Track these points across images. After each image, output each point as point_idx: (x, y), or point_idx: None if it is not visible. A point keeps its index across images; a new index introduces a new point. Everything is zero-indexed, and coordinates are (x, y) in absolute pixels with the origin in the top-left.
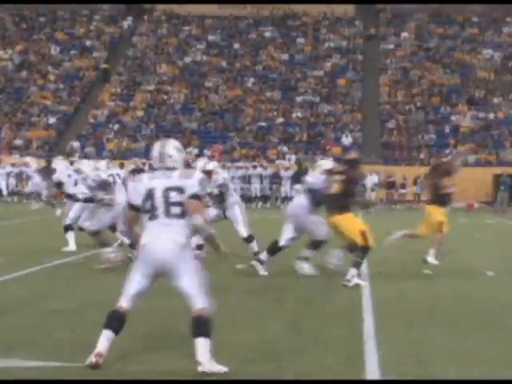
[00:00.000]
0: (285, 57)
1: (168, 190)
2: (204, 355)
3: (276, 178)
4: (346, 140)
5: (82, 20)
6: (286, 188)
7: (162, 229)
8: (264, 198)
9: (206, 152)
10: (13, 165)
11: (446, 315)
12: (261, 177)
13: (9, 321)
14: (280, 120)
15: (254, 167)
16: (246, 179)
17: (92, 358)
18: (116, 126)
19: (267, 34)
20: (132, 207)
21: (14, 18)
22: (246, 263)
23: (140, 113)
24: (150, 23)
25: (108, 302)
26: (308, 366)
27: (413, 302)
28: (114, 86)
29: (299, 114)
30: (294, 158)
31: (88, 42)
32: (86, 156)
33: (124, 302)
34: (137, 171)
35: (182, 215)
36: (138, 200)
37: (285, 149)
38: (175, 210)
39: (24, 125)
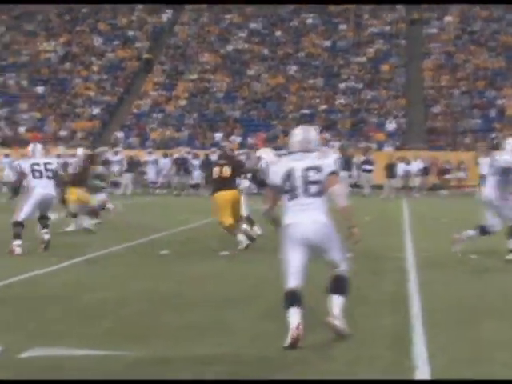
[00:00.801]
0: (327, 43)
1: (307, 169)
2: (338, 311)
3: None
4: (390, 126)
5: (124, 11)
6: None
7: (303, 209)
8: None
9: (250, 140)
10: (58, 156)
11: (495, 302)
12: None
13: (56, 310)
14: (323, 107)
15: None
16: None
17: (293, 334)
18: (159, 116)
19: (309, 21)
20: (272, 187)
21: (58, 10)
22: None
23: (183, 102)
24: (192, 12)
25: (153, 292)
26: (355, 352)
27: (460, 287)
28: (157, 75)
29: (342, 101)
30: (337, 144)
31: (130, 33)
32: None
33: (291, 284)
34: (180, 160)
35: (319, 194)
36: (277, 180)
37: (328, 136)
38: (313, 188)
39: (68, 116)
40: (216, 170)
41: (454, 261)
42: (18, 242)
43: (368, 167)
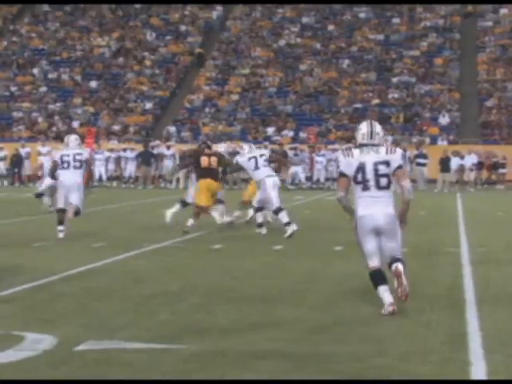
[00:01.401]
0: (380, 37)
1: (377, 163)
2: (402, 269)
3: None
4: (444, 120)
5: (177, 5)
6: None
7: (375, 201)
8: None
9: (302, 135)
10: (111, 150)
11: None
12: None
13: (110, 303)
14: (376, 101)
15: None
16: None
17: (389, 308)
18: (211, 110)
19: (362, 15)
20: (344, 176)
21: (111, 6)
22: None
23: (235, 97)
24: (244, 7)
25: (207, 286)
26: (411, 346)
27: None
28: (209, 70)
29: (395, 95)
30: (390, 139)
31: (183, 28)
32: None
33: (374, 262)
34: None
35: (388, 187)
36: (350, 171)
37: None
38: (383, 181)
39: (121, 111)
40: (205, 159)
41: (510, 255)
42: (60, 227)
43: (422, 161)
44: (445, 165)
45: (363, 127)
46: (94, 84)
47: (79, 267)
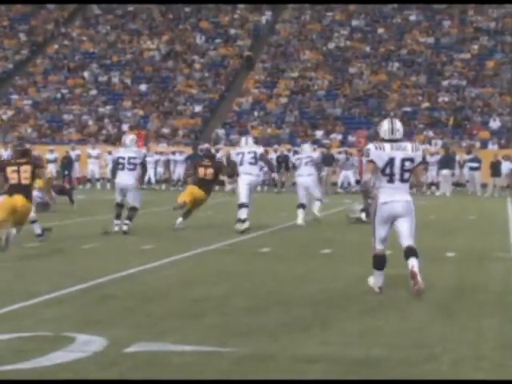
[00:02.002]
0: (430, 40)
1: (404, 160)
2: (417, 268)
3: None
4: (494, 124)
5: (227, 9)
6: (432, 173)
7: (397, 191)
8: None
9: (351, 138)
10: (160, 153)
11: None
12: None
13: (159, 305)
14: (425, 105)
15: None
16: None
17: (377, 290)
18: (260, 113)
19: (412, 18)
20: (374, 163)
21: (161, 9)
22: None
23: (284, 100)
24: (293, 10)
25: (255, 289)
26: (460, 352)
27: None
28: (258, 73)
29: (445, 99)
30: (440, 143)
31: (232, 31)
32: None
33: (380, 246)
34: (281, 157)
35: (408, 180)
36: (380, 163)
37: (431, 134)
38: (406, 175)
39: (171, 113)
40: (201, 170)
41: None
42: (117, 221)
43: (475, 165)
44: (495, 169)
45: (385, 124)
46: (143, 87)
47: (128, 269)
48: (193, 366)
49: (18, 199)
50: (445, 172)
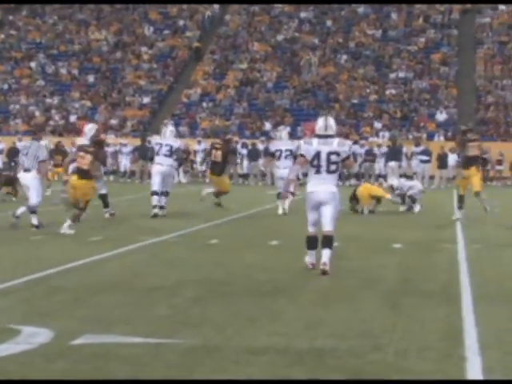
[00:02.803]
0: (378, 33)
1: (330, 153)
2: (327, 259)
3: (369, 156)
4: (441, 116)
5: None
6: (379, 165)
7: (323, 181)
8: (357, 176)
9: (299, 130)
10: (108, 145)
11: None
12: (355, 154)
13: (108, 298)
14: (373, 97)
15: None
16: None
17: (310, 266)
18: (209, 105)
19: (360, 10)
20: (303, 156)
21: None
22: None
23: (232, 91)
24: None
25: (204, 280)
26: (406, 343)
27: (511, 278)
28: (207, 64)
29: (393, 91)
30: (387, 134)
31: (181, 22)
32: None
33: (312, 229)
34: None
35: (336, 171)
36: (309, 156)
37: (378, 126)
38: (332, 167)
39: (119, 105)
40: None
41: (506, 252)
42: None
43: (425, 158)
44: (442, 161)
45: (320, 121)
46: (91, 78)
47: (77, 261)
48: (141, 357)
49: None
50: (392, 164)
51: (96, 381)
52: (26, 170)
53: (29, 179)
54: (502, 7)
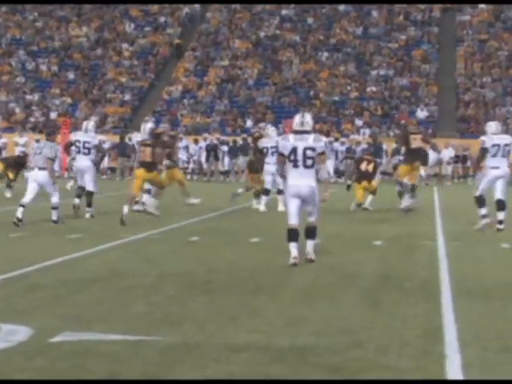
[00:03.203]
0: (358, 30)
1: (306, 149)
2: (311, 250)
3: (350, 153)
4: (421, 113)
5: None
6: None
7: (301, 175)
8: (338, 173)
9: (280, 127)
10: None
11: None
12: (336, 152)
13: (86, 295)
14: (354, 94)
15: (330, 142)
16: None
17: (292, 261)
18: (190, 102)
19: (341, 8)
20: (282, 155)
21: None
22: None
23: (214, 88)
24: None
25: (184, 277)
26: (385, 339)
27: (491, 276)
28: (188, 61)
29: (373, 88)
30: (367, 132)
31: (162, 19)
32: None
33: (293, 221)
34: (210, 146)
35: (312, 166)
36: (286, 152)
37: (359, 123)
38: (309, 162)
39: (100, 101)
40: None
41: (486, 249)
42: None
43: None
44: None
45: (297, 118)
46: (72, 75)
47: (55, 258)
48: (120, 355)
49: None
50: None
51: (74, 381)
52: (41, 169)
53: (43, 177)
54: (481, 5)
